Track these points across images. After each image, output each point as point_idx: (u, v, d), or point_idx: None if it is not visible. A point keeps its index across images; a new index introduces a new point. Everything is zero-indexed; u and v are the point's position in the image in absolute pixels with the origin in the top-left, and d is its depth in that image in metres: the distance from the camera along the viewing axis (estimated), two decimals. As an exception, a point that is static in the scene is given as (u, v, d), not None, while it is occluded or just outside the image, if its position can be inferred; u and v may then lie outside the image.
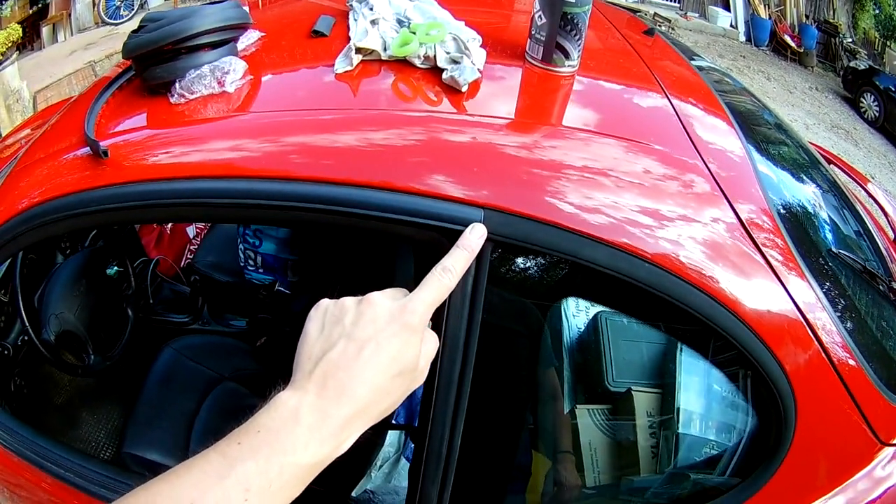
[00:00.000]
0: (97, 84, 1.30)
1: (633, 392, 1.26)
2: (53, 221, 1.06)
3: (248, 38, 1.27)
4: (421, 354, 0.70)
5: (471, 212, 0.93)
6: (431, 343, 0.73)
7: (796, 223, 1.27)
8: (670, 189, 1.04)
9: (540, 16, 1.16)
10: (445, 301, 0.89)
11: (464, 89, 1.08)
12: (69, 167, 1.06)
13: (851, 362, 1.13)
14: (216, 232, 2.33)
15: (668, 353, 1.25)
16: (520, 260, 1.12)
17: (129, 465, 1.68)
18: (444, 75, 1.09)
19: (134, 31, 1.11)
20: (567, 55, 1.17)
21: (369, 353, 0.66)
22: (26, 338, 1.60)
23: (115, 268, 1.91)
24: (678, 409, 1.22)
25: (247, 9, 1.23)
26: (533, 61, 1.20)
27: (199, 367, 1.90)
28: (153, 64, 1.10)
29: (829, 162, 2.20)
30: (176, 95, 1.10)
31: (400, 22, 1.23)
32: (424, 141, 1.00)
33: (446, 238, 0.93)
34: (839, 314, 1.16)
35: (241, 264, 1.92)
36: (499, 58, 1.22)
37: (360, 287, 0.77)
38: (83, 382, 2.17)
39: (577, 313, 1.30)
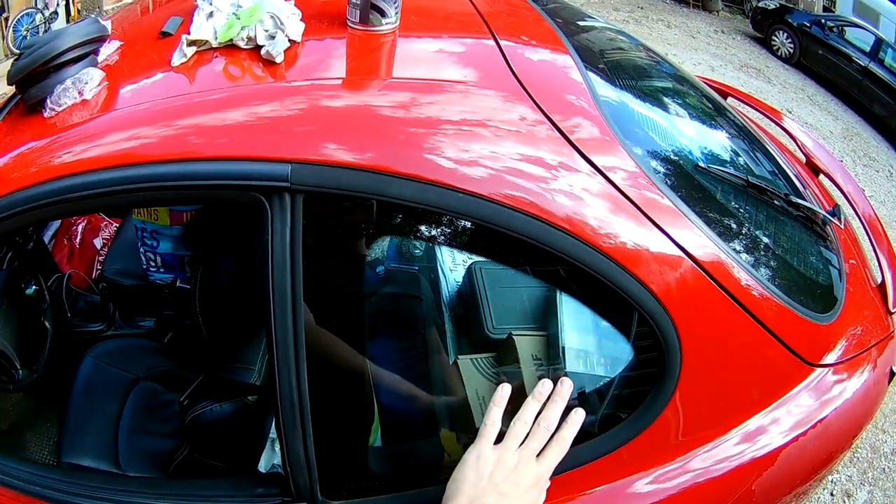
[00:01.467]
0: None
1: (514, 337, 1.39)
2: None
3: (109, 49, 1.46)
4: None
5: (280, 168, 1.12)
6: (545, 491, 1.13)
7: (651, 149, 1.43)
8: (502, 131, 1.22)
9: None
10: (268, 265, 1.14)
11: (278, 60, 1.27)
12: None
13: (745, 280, 1.27)
14: (120, 240, 2.54)
15: (546, 296, 1.38)
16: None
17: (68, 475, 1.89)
18: (262, 51, 1.29)
19: (15, 60, 1.32)
20: (384, 14, 1.36)
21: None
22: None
23: (34, 287, 2.12)
24: (563, 348, 1.34)
25: (107, 23, 1.43)
26: (353, 25, 1.38)
27: (117, 371, 2.12)
28: (30, 85, 1.31)
29: (725, 96, 2.37)
30: (48, 110, 1.29)
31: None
32: (242, 112, 1.20)
33: (264, 197, 1.13)
34: (717, 231, 1.29)
35: (144, 267, 2.13)
36: (324, 28, 1.41)
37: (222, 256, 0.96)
38: (23, 405, 2.41)
39: (454, 267, 1.49)
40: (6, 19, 6.01)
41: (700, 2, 12.17)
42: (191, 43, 1.34)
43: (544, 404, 1.13)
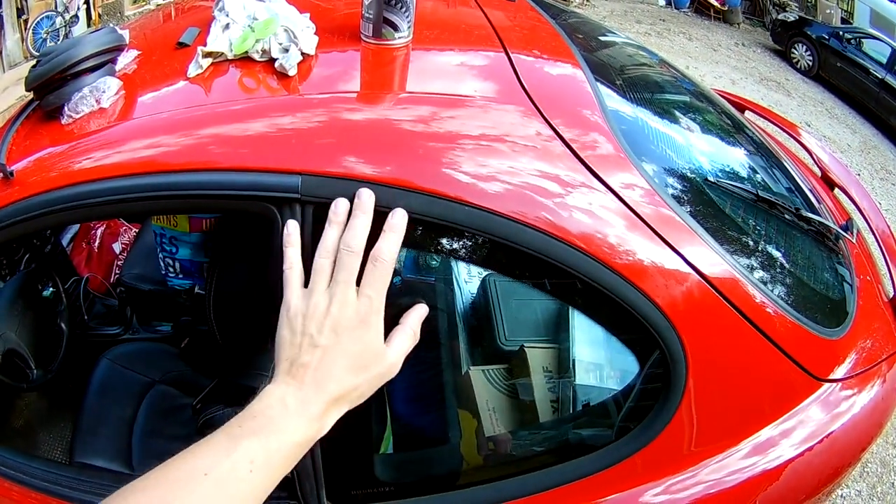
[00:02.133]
0: (10, 118, 1.54)
1: (525, 349, 1.42)
2: None
3: (126, 58, 1.49)
4: (390, 349, 0.95)
5: (289, 179, 1.14)
6: (402, 339, 0.97)
7: (663, 166, 1.44)
8: (517, 147, 1.23)
9: None
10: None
11: (291, 73, 1.29)
12: None
13: (753, 296, 1.28)
14: (139, 245, 2.59)
15: (558, 309, 1.40)
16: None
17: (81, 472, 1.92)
18: (276, 63, 1.31)
19: (33, 66, 1.35)
20: (396, 28, 1.38)
21: (332, 357, 0.89)
22: (-27, 360, 1.83)
23: (51, 289, 2.16)
24: (573, 360, 1.37)
25: (125, 32, 1.47)
26: (366, 39, 1.40)
27: (133, 374, 2.16)
28: (47, 92, 1.34)
29: (742, 110, 2.38)
30: (66, 117, 1.32)
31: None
32: (251, 124, 1.22)
33: (275, 207, 1.15)
34: (727, 247, 1.31)
35: (163, 272, 2.15)
36: (337, 41, 1.44)
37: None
38: (37, 404, 2.46)
39: (468, 279, 1.50)
40: (25, 21, 6.10)
41: (721, 14, 12.23)
42: (206, 54, 1.37)
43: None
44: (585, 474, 1.32)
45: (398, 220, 1.00)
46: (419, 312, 1.03)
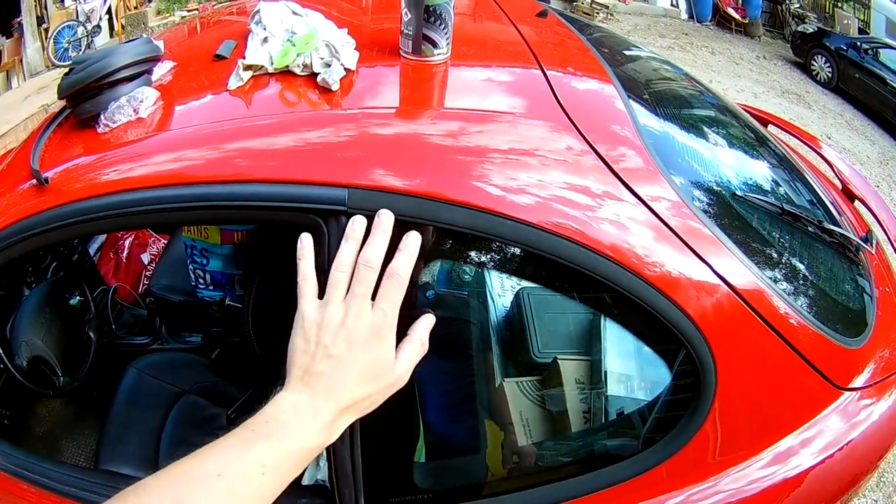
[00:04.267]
0: (41, 124, 1.56)
1: (559, 361, 1.45)
2: (9, 245, 1.32)
3: (162, 69, 1.53)
4: (398, 360, 0.97)
5: (336, 192, 1.19)
6: (410, 349, 1.00)
7: (692, 179, 1.48)
8: (549, 160, 1.27)
9: (406, 12, 1.40)
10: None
11: (334, 88, 1.33)
12: (21, 197, 1.32)
13: (779, 307, 1.31)
14: (169, 256, 2.63)
15: (590, 321, 1.44)
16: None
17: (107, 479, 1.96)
18: (318, 78, 1.36)
19: (66, 74, 1.38)
20: (435, 45, 1.42)
21: (345, 367, 0.92)
22: (1, 365, 1.88)
23: (78, 297, 2.21)
24: (605, 372, 1.41)
25: (160, 43, 1.50)
26: (405, 55, 1.45)
27: (162, 384, 2.20)
28: (82, 100, 1.37)
29: (766, 124, 2.42)
30: (101, 126, 1.36)
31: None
32: (299, 137, 1.26)
33: (321, 219, 1.19)
34: (753, 258, 1.34)
35: (193, 284, 2.19)
36: (376, 57, 1.48)
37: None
38: (62, 412, 2.51)
39: (502, 293, 1.54)
40: (46, 30, 6.19)
41: (742, 27, 12.29)
42: (247, 67, 1.41)
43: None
44: (613, 483, 1.35)
45: (413, 241, 1.04)
46: (426, 323, 1.05)
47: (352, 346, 0.93)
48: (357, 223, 1.04)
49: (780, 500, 1.40)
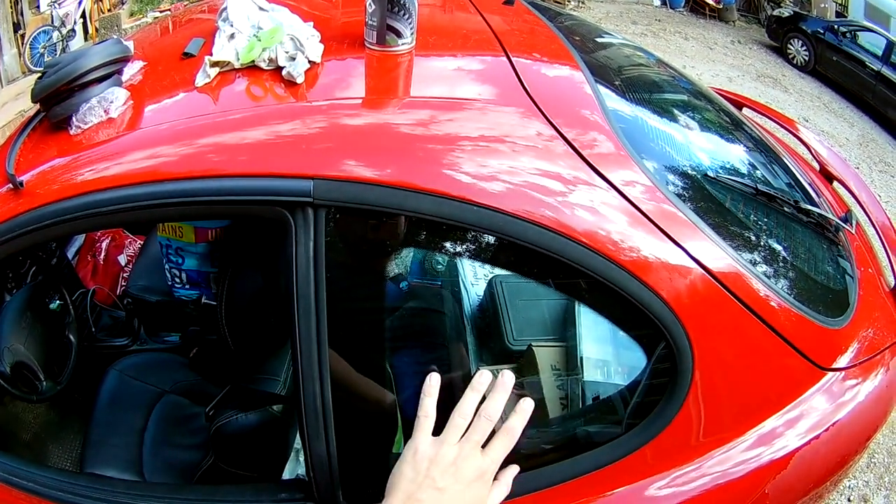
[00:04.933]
0: (16, 129, 1.55)
1: (533, 348, 1.47)
2: None
3: (132, 69, 1.53)
4: (489, 500, 1.08)
5: (302, 184, 1.19)
6: (498, 492, 1.10)
7: (664, 163, 1.48)
8: (519, 147, 1.28)
9: (371, 3, 1.40)
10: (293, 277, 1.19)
11: (299, 81, 1.33)
12: None
13: (756, 287, 1.32)
14: (145, 257, 2.63)
15: (564, 307, 1.45)
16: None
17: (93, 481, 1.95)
18: (283, 71, 1.36)
19: (39, 78, 1.38)
20: (399, 35, 1.42)
21: (446, 499, 1.01)
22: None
23: (57, 301, 2.19)
24: (581, 358, 1.42)
25: (130, 43, 1.50)
26: (370, 46, 1.45)
27: (142, 385, 2.20)
28: (54, 103, 1.37)
29: (740, 107, 2.42)
30: (74, 127, 1.36)
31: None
32: (265, 131, 1.26)
33: (287, 212, 1.19)
34: (728, 240, 1.34)
35: (169, 283, 2.19)
36: (342, 49, 1.48)
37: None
38: (46, 417, 2.50)
39: (475, 282, 1.54)
40: (22, 36, 6.17)
41: (716, 12, 12.33)
42: (214, 64, 1.41)
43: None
44: (593, 469, 1.35)
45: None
46: (513, 470, 1.13)
47: (457, 482, 1.03)
48: (483, 377, 1.10)
49: (767, 481, 1.40)
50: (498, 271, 1.43)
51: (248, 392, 1.76)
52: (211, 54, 1.43)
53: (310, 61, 1.37)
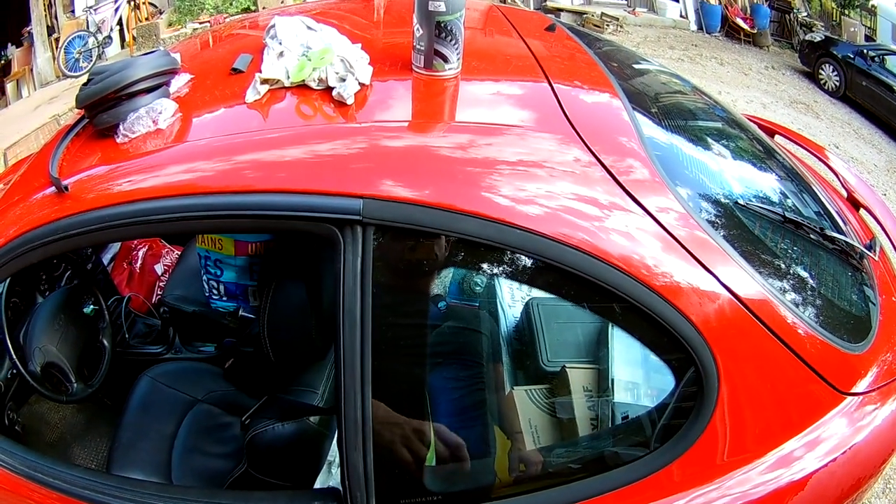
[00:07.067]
0: (59, 133, 1.61)
1: (567, 369, 1.50)
2: (28, 251, 1.37)
3: (180, 81, 1.58)
4: None
5: (352, 202, 1.24)
6: None
7: (698, 190, 1.51)
8: (557, 172, 1.32)
9: (418, 28, 1.46)
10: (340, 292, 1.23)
11: (349, 102, 1.39)
12: (39, 205, 1.37)
13: (782, 313, 1.35)
14: (182, 267, 2.68)
15: (597, 330, 1.48)
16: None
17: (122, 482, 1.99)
18: (334, 92, 1.41)
19: (84, 84, 1.43)
20: (446, 60, 1.48)
21: None
22: (15, 371, 1.93)
23: (91, 306, 2.25)
24: (612, 380, 1.45)
25: (177, 56, 1.56)
26: (417, 70, 1.50)
27: (175, 392, 2.24)
28: (101, 111, 1.42)
29: (772, 134, 2.46)
30: (121, 136, 1.41)
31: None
32: (315, 149, 1.32)
33: (337, 229, 1.25)
34: (757, 267, 1.38)
35: (206, 294, 2.23)
36: (389, 71, 1.53)
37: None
38: (73, 419, 2.56)
39: (512, 303, 1.58)
40: (56, 40, 6.26)
41: (751, 37, 12.30)
42: (264, 81, 1.47)
43: None
44: (620, 486, 1.38)
45: None
46: None
47: None
48: None
49: (786, 502, 1.42)
50: (534, 293, 1.47)
51: (287, 403, 1.80)
52: (260, 71, 1.48)
53: (360, 83, 1.42)
